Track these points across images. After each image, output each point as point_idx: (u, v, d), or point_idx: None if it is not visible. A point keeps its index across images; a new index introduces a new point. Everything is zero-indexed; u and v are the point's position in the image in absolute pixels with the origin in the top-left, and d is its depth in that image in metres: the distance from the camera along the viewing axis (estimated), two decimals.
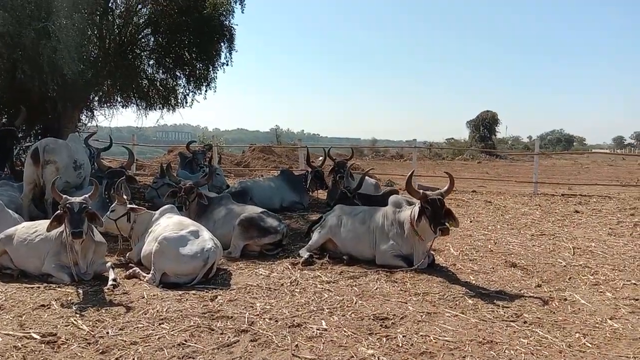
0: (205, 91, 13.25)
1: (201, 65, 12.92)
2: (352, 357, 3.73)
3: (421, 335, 4.13)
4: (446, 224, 5.61)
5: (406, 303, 4.91)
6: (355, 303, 4.90)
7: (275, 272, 6.00)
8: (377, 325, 4.36)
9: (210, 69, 12.99)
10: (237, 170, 19.12)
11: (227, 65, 13.07)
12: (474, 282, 5.67)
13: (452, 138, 46.15)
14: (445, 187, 6.00)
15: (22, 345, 3.83)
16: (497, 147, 41.52)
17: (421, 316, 4.57)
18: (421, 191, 5.86)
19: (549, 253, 7.09)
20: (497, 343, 4.02)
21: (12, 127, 10.58)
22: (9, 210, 6.60)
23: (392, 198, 6.47)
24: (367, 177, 9.12)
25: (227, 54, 12.96)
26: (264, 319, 4.46)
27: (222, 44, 12.78)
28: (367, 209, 6.75)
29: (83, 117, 13.37)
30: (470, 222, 9.51)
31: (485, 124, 44.32)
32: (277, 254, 6.78)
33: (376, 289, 5.36)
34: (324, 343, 3.98)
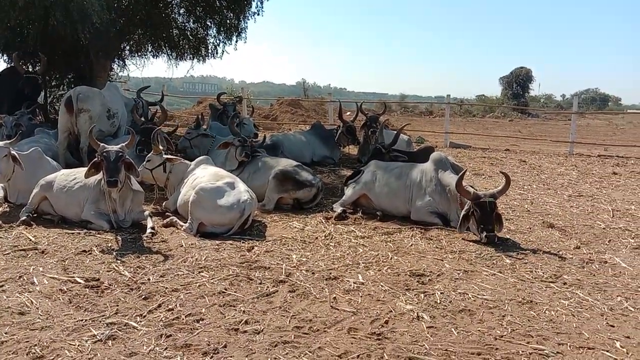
0: (236, 41, 12.92)
1: (232, 14, 12.58)
2: (391, 311, 3.74)
3: (459, 293, 4.11)
4: (494, 231, 5.37)
5: (442, 260, 4.88)
6: (391, 259, 4.89)
7: (309, 225, 6.02)
8: (414, 281, 4.35)
9: (241, 18, 12.69)
10: (265, 123, 19.02)
11: (258, 15, 12.74)
12: (511, 241, 5.59)
13: (483, 95, 44.73)
14: (499, 188, 5.63)
15: (67, 288, 3.94)
16: (529, 105, 40.21)
17: (458, 274, 4.54)
18: (472, 191, 5.49)
19: (587, 215, 6.92)
20: (536, 303, 3.98)
21: (34, 74, 10.66)
22: (48, 158, 6.71)
23: (435, 155, 6.31)
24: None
25: (258, 3, 12.63)
26: (301, 270, 4.50)
27: None
28: (403, 164, 6.65)
29: (115, 66, 13.36)
30: None
31: (518, 81, 42.86)
32: (310, 207, 6.78)
33: (411, 245, 5.34)
34: (361, 296, 3.99)
